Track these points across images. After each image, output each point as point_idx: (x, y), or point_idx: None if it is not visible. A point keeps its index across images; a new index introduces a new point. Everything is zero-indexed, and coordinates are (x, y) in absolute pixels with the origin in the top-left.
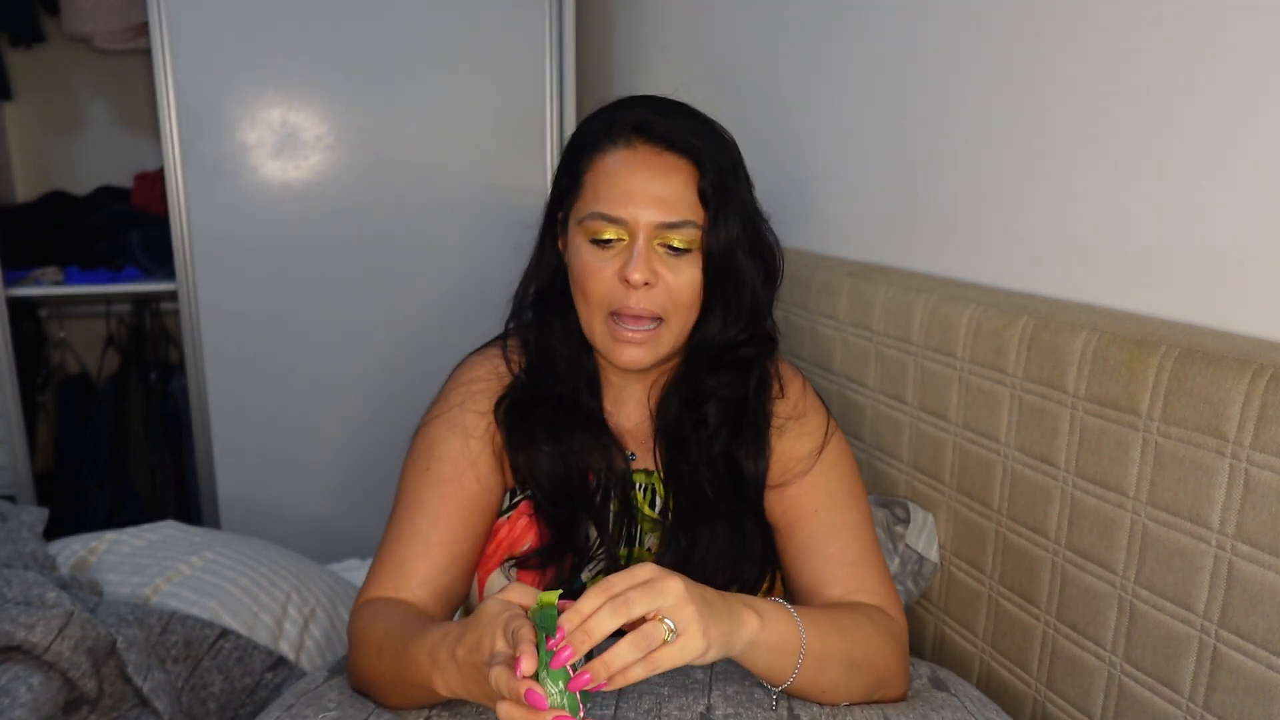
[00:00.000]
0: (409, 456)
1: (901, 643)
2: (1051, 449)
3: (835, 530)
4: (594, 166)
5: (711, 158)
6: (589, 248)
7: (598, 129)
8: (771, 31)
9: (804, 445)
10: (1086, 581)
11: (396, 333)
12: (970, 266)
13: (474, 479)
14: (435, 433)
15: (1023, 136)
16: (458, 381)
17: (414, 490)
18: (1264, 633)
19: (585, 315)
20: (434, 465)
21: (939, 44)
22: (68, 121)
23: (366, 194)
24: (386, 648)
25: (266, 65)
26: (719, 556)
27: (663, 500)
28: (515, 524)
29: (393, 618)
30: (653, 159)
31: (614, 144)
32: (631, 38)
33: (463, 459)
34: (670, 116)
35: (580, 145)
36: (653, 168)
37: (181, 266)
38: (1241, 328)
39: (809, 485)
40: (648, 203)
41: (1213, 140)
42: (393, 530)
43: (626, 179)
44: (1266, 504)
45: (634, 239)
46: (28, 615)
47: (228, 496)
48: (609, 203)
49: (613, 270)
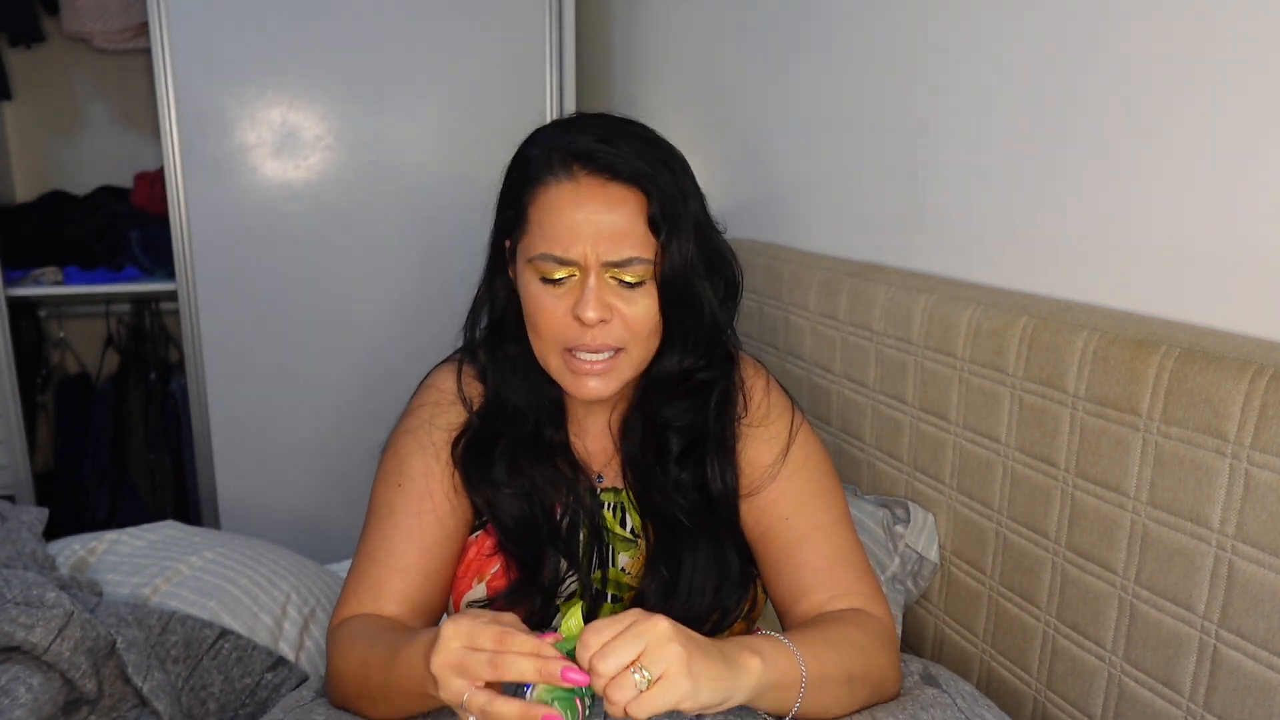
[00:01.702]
0: (380, 473)
1: (890, 641)
2: (1051, 449)
3: (807, 535)
4: (537, 201)
5: (658, 184)
6: (539, 284)
7: (539, 158)
8: (771, 31)
9: (769, 451)
10: (1086, 581)
11: (396, 332)
12: (970, 266)
13: (445, 495)
14: (405, 448)
15: (1023, 137)
16: (424, 398)
17: (386, 507)
18: (1264, 633)
19: (539, 350)
20: (405, 483)
21: (939, 44)
22: (68, 121)
23: (366, 194)
24: (373, 662)
25: (266, 65)
26: (703, 580)
27: (634, 519)
28: (484, 544)
29: (375, 632)
30: (597, 191)
31: (556, 176)
32: (631, 38)
33: (433, 475)
34: (612, 142)
35: (523, 176)
36: (598, 200)
37: (181, 266)
38: (1241, 328)
39: (778, 492)
40: (596, 239)
41: (1213, 140)
42: (366, 549)
43: (572, 214)
44: (1266, 504)
45: (585, 275)
46: (28, 615)
47: (228, 496)
48: (557, 242)
49: (565, 306)
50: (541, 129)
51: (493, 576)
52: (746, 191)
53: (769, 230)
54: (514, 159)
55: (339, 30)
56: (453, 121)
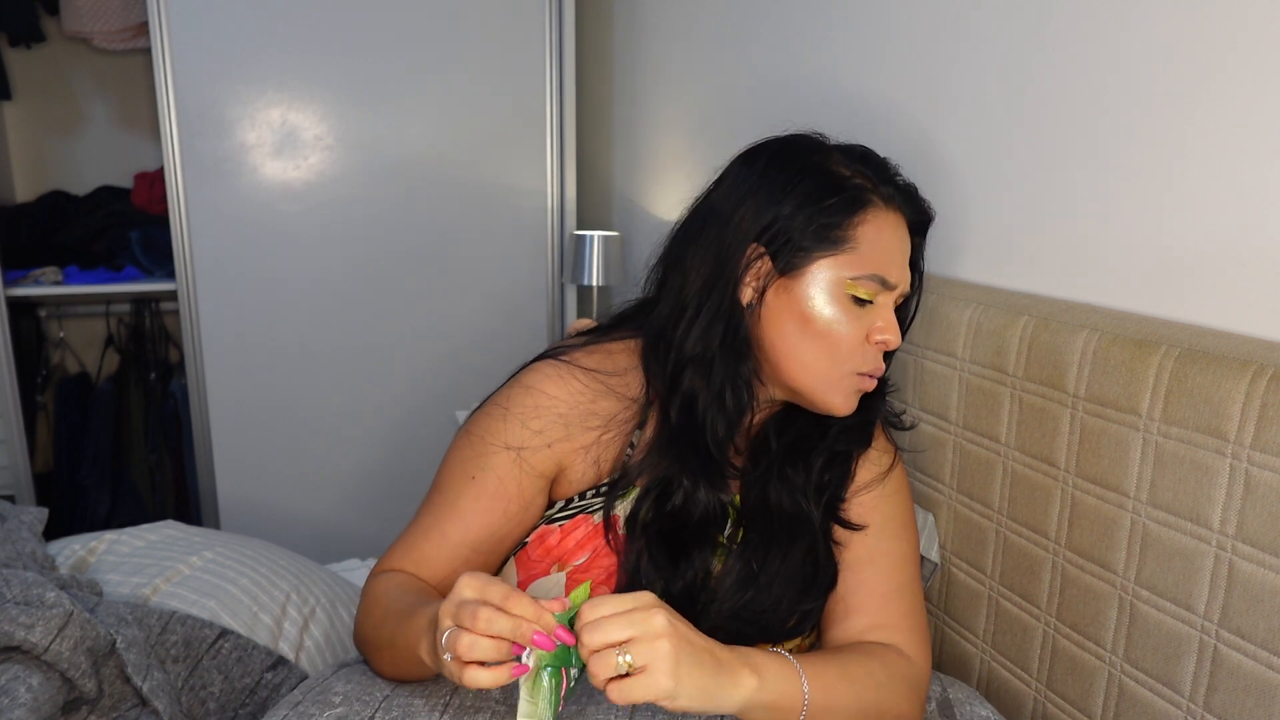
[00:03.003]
0: (455, 447)
1: (917, 687)
2: (1051, 449)
3: (876, 558)
4: (870, 221)
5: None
6: (846, 303)
7: (864, 185)
8: (771, 31)
9: (869, 473)
10: (1086, 581)
11: (395, 332)
12: (970, 266)
13: (517, 496)
14: (490, 440)
15: (1023, 136)
16: (525, 393)
17: (453, 492)
18: (1264, 633)
19: (821, 370)
20: (480, 476)
21: (939, 43)
22: (68, 121)
23: (366, 194)
24: (391, 614)
25: (266, 65)
26: (785, 583)
27: (732, 527)
28: (570, 534)
29: (405, 589)
30: (903, 227)
31: (889, 205)
32: (631, 38)
33: (510, 478)
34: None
35: (847, 197)
36: (901, 233)
37: (181, 266)
38: (1241, 328)
39: (865, 507)
40: (905, 270)
41: (1213, 141)
42: (422, 522)
43: (898, 244)
44: (1266, 504)
45: (885, 301)
46: (27, 615)
47: (228, 496)
48: (890, 266)
49: (863, 328)
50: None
51: (575, 568)
52: None
53: None
54: (815, 176)
55: (339, 30)
56: (452, 122)
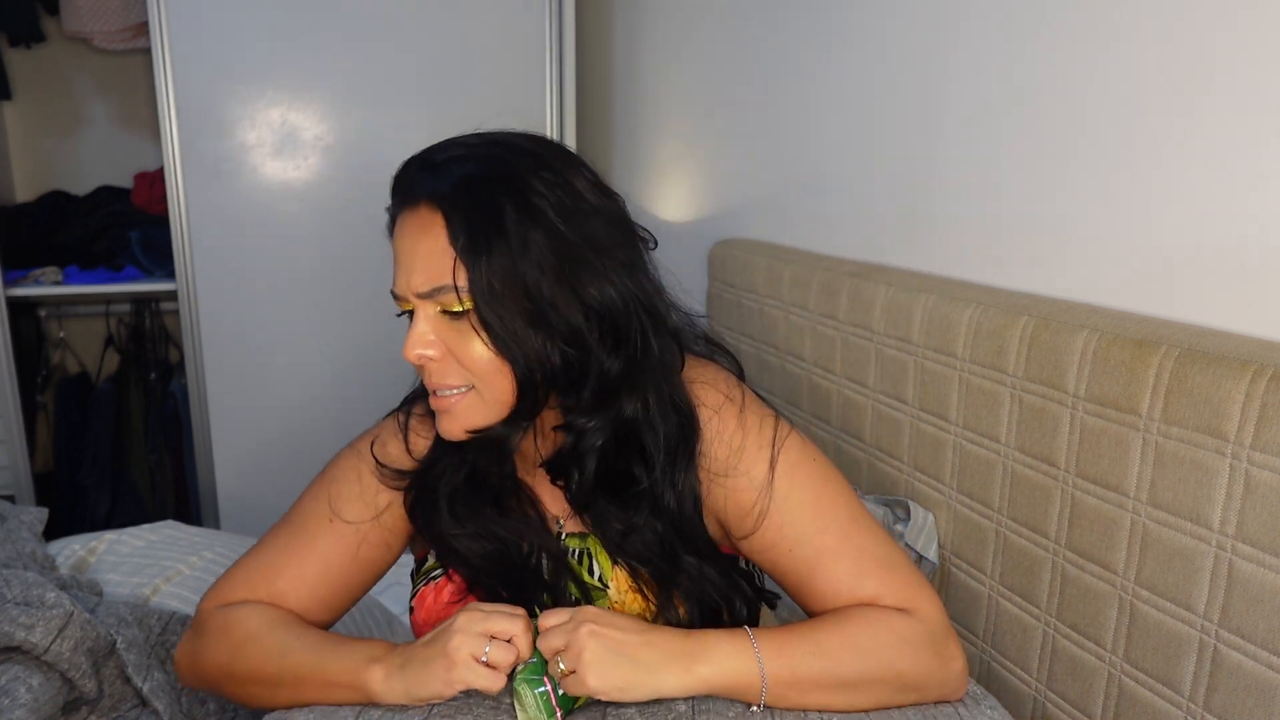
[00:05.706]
0: (317, 484)
1: (924, 638)
2: (1051, 449)
3: (816, 563)
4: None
5: (460, 203)
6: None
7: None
8: (771, 32)
9: (750, 490)
10: (1086, 581)
11: (396, 332)
12: (970, 266)
13: (379, 537)
14: (344, 486)
15: (1023, 136)
16: (374, 438)
17: (309, 529)
18: (1264, 633)
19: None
20: (337, 522)
21: (939, 44)
22: (68, 121)
23: (366, 194)
24: (297, 649)
25: (266, 65)
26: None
27: (602, 565)
28: (443, 590)
29: (293, 622)
30: (410, 218)
31: (391, 209)
32: (631, 38)
33: (366, 522)
34: (427, 163)
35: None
36: (410, 228)
37: (181, 266)
38: (1241, 328)
39: (773, 529)
40: (410, 271)
41: (1213, 141)
42: (271, 555)
43: (397, 245)
44: (1267, 504)
45: (416, 310)
46: (28, 615)
47: (228, 496)
48: (394, 275)
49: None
50: None
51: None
52: (747, 191)
53: (769, 230)
54: None
55: (339, 30)
56: (452, 122)
